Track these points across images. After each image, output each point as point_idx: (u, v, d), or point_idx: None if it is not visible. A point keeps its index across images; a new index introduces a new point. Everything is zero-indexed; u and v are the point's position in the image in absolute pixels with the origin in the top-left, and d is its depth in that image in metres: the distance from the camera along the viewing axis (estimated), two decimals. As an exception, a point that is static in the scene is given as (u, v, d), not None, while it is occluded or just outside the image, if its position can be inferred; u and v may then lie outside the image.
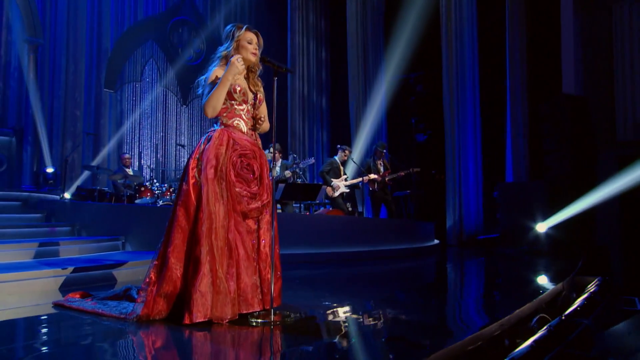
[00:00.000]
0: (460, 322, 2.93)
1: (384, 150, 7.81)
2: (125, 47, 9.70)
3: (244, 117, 2.77)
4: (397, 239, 6.67)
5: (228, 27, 2.86)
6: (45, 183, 8.01)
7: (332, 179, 7.30)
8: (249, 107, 2.81)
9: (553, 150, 7.30)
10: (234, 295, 2.49)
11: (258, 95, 2.86)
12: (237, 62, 2.65)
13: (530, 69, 8.33)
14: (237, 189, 2.60)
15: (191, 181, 2.60)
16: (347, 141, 10.14)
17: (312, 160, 7.04)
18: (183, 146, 9.70)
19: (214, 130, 2.73)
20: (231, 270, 2.51)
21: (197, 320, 2.41)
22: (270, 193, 2.78)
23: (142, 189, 7.12)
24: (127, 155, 8.18)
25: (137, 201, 6.92)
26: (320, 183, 7.02)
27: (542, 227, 6.98)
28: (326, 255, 5.76)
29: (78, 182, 8.37)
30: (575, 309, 2.89)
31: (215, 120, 2.74)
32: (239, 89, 2.73)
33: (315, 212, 6.93)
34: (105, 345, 2.24)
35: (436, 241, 7.94)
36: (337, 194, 7.28)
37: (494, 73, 9.07)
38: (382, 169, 7.74)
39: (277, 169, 6.84)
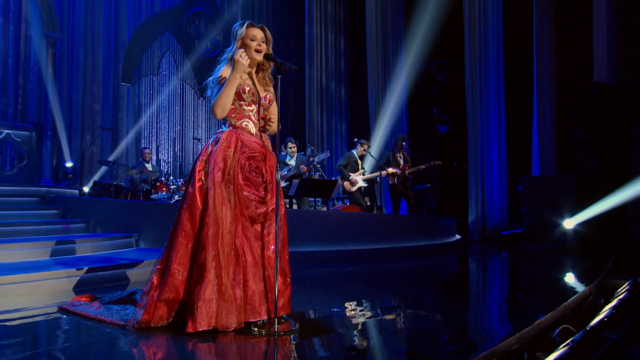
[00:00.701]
0: (481, 331, 2.78)
1: (404, 143, 7.63)
2: (141, 39, 9.71)
3: (253, 118, 2.67)
4: (416, 235, 6.51)
5: (233, 26, 2.75)
6: (65, 177, 8.11)
7: (350, 173, 7.17)
8: (259, 108, 2.70)
9: (582, 141, 6.98)
10: (240, 302, 2.42)
11: (268, 96, 2.75)
12: (241, 58, 2.54)
13: (559, 56, 7.96)
14: (245, 193, 2.52)
15: (197, 184, 2.52)
16: (367, 133, 9.97)
17: (327, 154, 6.91)
18: (199, 140, 9.70)
19: (222, 131, 2.64)
20: (238, 277, 2.43)
21: (201, 329, 2.34)
22: (280, 197, 2.69)
23: (158, 184, 7.14)
24: (147, 150, 8.19)
25: (152, 196, 6.94)
26: (336, 179, 6.90)
27: (569, 223, 6.70)
28: (342, 253, 5.66)
29: (96, 177, 8.46)
30: (602, 319, 2.70)
31: (224, 121, 2.66)
32: (247, 88, 2.63)
33: (332, 208, 6.82)
34: (99, 357, 2.19)
35: (457, 236, 7.75)
36: (354, 188, 7.14)
37: (520, 60, 8.73)
38: (402, 162, 7.56)
39: (293, 162, 6.74)
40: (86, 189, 8.06)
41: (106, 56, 9.34)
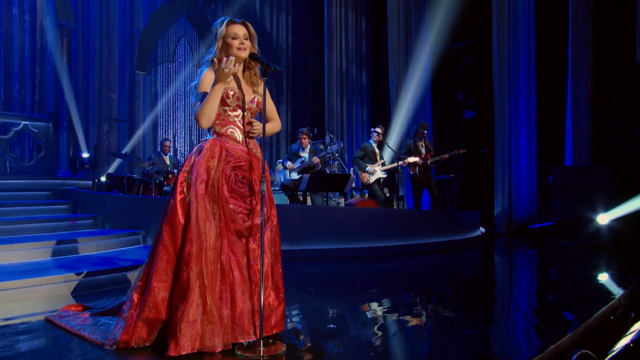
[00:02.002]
0: (503, 354, 2.56)
1: (426, 131, 7.30)
2: (156, 26, 9.62)
3: (239, 124, 2.50)
4: (436, 231, 6.24)
5: (214, 25, 2.56)
6: (82, 168, 8.19)
7: (368, 165, 6.93)
8: (245, 113, 2.53)
9: (621, 129, 6.51)
10: (227, 322, 2.27)
11: (256, 98, 2.56)
12: (226, 70, 2.35)
13: (596, 37, 7.41)
14: (231, 206, 2.36)
15: (178, 197, 2.38)
16: (389, 119, 9.65)
17: (340, 145, 6.67)
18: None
19: (206, 140, 2.48)
20: (224, 295, 2.29)
21: (184, 352, 2.21)
22: (271, 207, 2.53)
23: (170, 175, 7.09)
24: (167, 142, 8.05)
25: (165, 188, 6.90)
26: (349, 173, 6.68)
27: (603, 218, 6.30)
28: (355, 250, 5.47)
29: (112, 168, 8.50)
30: (627, 346, 2.43)
31: (209, 128, 2.49)
32: (232, 93, 2.45)
33: (347, 202, 6.62)
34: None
35: (482, 230, 7.43)
36: (372, 180, 6.90)
37: (553, 40, 8.19)
38: (423, 151, 7.26)
39: (306, 154, 6.55)
40: (104, 179, 8.11)
41: (122, 44, 9.30)
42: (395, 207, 7.31)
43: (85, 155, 8.10)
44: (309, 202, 6.56)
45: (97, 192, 5.89)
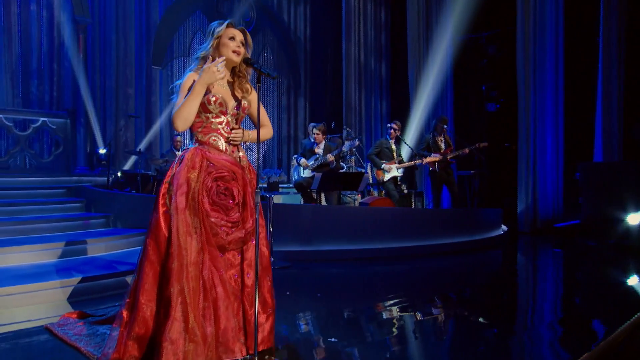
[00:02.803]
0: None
1: (446, 126, 7.07)
2: (172, 20, 9.59)
3: (223, 132, 2.40)
4: (456, 230, 6.04)
5: (211, 24, 2.48)
6: (99, 164, 8.26)
7: (383, 161, 6.75)
8: (230, 119, 2.42)
9: (655, 124, 6.17)
10: (211, 340, 2.19)
11: (242, 103, 2.45)
12: (214, 69, 2.25)
13: (630, 24, 7.01)
14: (212, 219, 2.27)
15: (161, 210, 2.29)
16: (409, 112, 9.42)
17: (356, 142, 6.50)
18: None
19: (187, 149, 2.39)
20: (207, 312, 2.20)
21: None
22: (260, 217, 2.42)
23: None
24: (178, 138, 8.07)
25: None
26: (362, 171, 6.52)
27: (634, 218, 5.99)
28: (367, 252, 5.34)
29: (128, 165, 8.55)
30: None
31: (192, 136, 2.40)
32: (213, 99, 2.35)
33: (362, 200, 6.47)
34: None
35: (504, 228, 7.18)
36: (387, 177, 6.73)
37: (583, 29, 7.81)
38: (443, 146, 7.05)
39: (321, 150, 6.41)
40: (120, 174, 8.16)
41: (138, 38, 9.31)
42: (413, 204, 7.12)
43: (102, 151, 8.16)
44: (323, 200, 6.44)
45: (109, 191, 5.91)
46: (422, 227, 5.76)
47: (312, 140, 6.48)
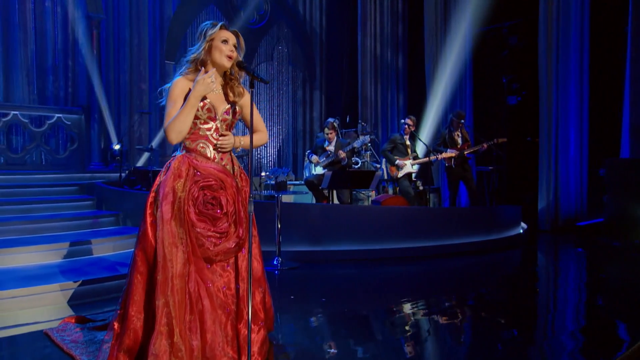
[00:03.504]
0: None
1: (462, 121, 6.88)
2: (185, 14, 9.56)
3: (211, 139, 2.33)
4: (472, 229, 5.88)
5: (202, 25, 2.39)
6: (113, 160, 8.32)
7: (397, 158, 6.61)
8: (219, 125, 2.34)
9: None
10: (197, 354, 2.13)
11: (234, 108, 2.37)
12: (207, 80, 2.20)
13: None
14: (198, 230, 2.20)
15: (148, 219, 2.25)
16: (426, 106, 9.22)
17: (367, 139, 6.38)
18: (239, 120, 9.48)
19: (174, 157, 2.33)
20: (193, 325, 2.14)
21: None
22: (253, 227, 2.36)
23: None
24: None
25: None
26: (374, 169, 6.40)
27: (662, 218, 5.73)
28: (381, 252, 5.24)
29: (141, 161, 8.59)
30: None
31: (180, 142, 2.33)
32: (201, 104, 2.27)
33: (375, 198, 6.35)
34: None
35: (523, 226, 6.99)
36: (401, 174, 6.59)
37: (610, 18, 7.47)
38: (460, 141, 6.86)
39: (332, 147, 6.31)
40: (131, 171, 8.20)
41: (152, 33, 9.31)
42: (429, 200, 6.97)
43: (117, 147, 8.21)
44: (335, 198, 6.35)
45: (119, 188, 5.93)
46: (437, 226, 5.62)
47: (324, 137, 6.39)
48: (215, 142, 2.33)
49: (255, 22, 10.30)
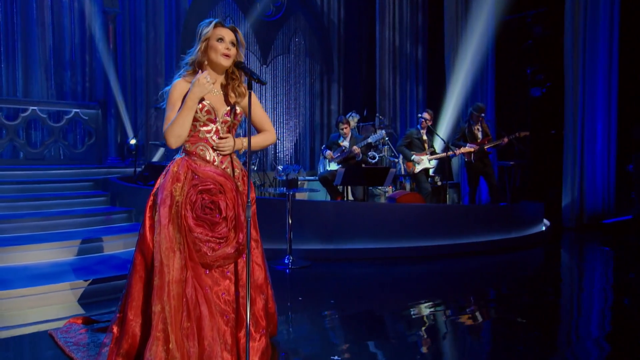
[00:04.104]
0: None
1: (483, 114, 6.68)
2: (201, 6, 9.54)
3: (211, 141, 2.27)
4: (491, 227, 5.72)
5: (200, 23, 2.33)
6: (129, 154, 8.38)
7: (414, 153, 6.47)
8: (220, 127, 2.28)
9: None
10: None
11: (234, 110, 2.31)
12: (203, 81, 2.15)
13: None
14: (195, 234, 2.16)
15: (147, 223, 2.23)
16: (446, 99, 9.01)
17: (382, 134, 6.24)
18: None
19: (174, 160, 2.30)
20: (191, 332, 2.11)
21: None
22: (252, 229, 2.30)
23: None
24: None
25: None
26: (388, 166, 6.27)
27: (694, 216, 5.46)
28: (395, 251, 5.14)
29: (157, 156, 8.63)
30: None
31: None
32: (200, 106, 2.22)
33: (390, 195, 6.23)
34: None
35: (546, 222, 6.78)
36: (418, 169, 6.45)
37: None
38: (480, 136, 6.68)
39: (347, 143, 6.21)
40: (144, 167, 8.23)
41: (168, 27, 9.32)
42: (447, 196, 6.81)
43: (132, 141, 8.27)
44: (350, 194, 6.25)
45: (132, 184, 5.95)
46: (454, 224, 5.48)
47: (339, 133, 6.29)
48: (214, 144, 2.27)
49: (271, 15, 10.21)
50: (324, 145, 6.62)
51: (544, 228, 6.57)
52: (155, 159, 8.56)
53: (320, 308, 3.51)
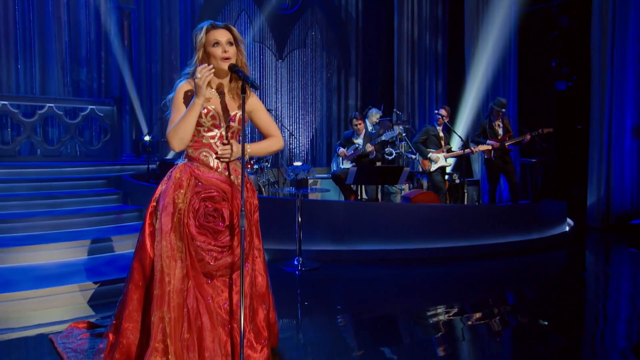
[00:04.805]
0: None
1: (503, 110, 6.49)
2: (215, 0, 9.51)
3: (215, 147, 2.22)
4: (511, 228, 5.56)
5: (194, 30, 2.28)
6: (144, 151, 8.44)
7: (430, 150, 6.33)
8: (224, 132, 2.23)
9: None
10: None
11: (238, 115, 2.25)
12: (201, 81, 2.07)
13: None
14: (197, 243, 2.12)
15: (147, 230, 2.21)
16: (466, 93, 8.80)
17: (396, 132, 6.11)
18: (269, 110, 9.38)
19: (176, 165, 2.25)
20: (191, 343, 2.08)
21: None
22: (254, 239, 2.25)
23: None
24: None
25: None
26: (402, 164, 6.14)
27: None
28: (409, 252, 5.03)
29: (171, 154, 8.67)
30: None
31: (183, 150, 2.26)
32: (205, 111, 2.18)
33: (404, 194, 6.11)
34: None
35: (570, 223, 6.56)
36: (434, 167, 6.30)
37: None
38: (501, 132, 6.50)
39: (361, 140, 6.10)
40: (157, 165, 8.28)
41: (183, 22, 9.33)
42: (465, 195, 6.65)
43: (147, 138, 8.32)
44: (364, 193, 6.16)
45: (143, 182, 5.97)
46: (471, 224, 5.34)
47: (352, 130, 6.19)
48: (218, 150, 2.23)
49: (287, 8, 10.12)
50: (338, 143, 6.53)
51: (567, 228, 6.37)
52: (170, 155, 8.61)
53: (330, 313, 3.45)
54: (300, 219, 4.50)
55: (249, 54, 10.01)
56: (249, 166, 6.82)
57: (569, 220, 6.61)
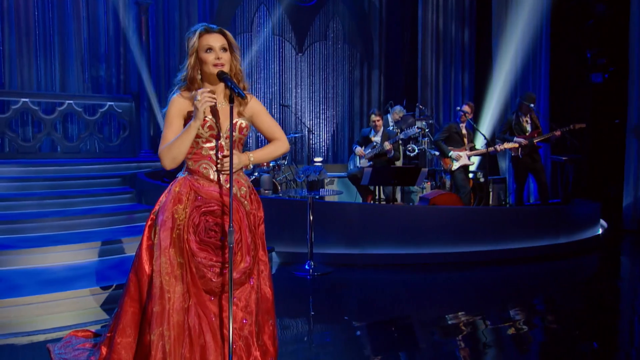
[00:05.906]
0: None
1: (532, 104, 6.21)
2: (234, -6, 9.47)
3: (214, 158, 2.13)
4: (538, 232, 5.32)
5: (187, 33, 2.18)
6: (162, 147, 8.49)
7: (451, 148, 6.11)
8: (224, 143, 2.14)
9: None
10: None
11: (238, 124, 2.15)
12: (200, 105, 2.00)
13: None
14: (198, 259, 2.05)
15: (145, 243, 2.15)
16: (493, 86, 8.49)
17: (414, 130, 5.91)
18: (287, 107, 9.29)
19: (176, 179, 2.19)
20: None
21: None
22: (261, 250, 2.19)
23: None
24: None
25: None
26: (419, 166, 5.95)
27: None
28: (427, 257, 4.87)
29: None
30: None
31: (183, 163, 2.18)
32: (202, 121, 2.07)
33: (422, 195, 5.92)
34: None
35: (603, 224, 6.26)
36: (456, 166, 6.09)
37: None
38: (529, 128, 6.23)
39: (378, 138, 5.94)
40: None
41: (201, 16, 9.30)
42: (490, 194, 6.42)
43: (165, 134, 8.37)
44: (382, 193, 6.00)
45: (157, 182, 5.97)
46: (494, 228, 5.14)
47: (370, 127, 6.03)
48: (218, 161, 2.14)
49: (306, 0, 9.97)
50: (355, 141, 6.38)
51: (600, 231, 6.08)
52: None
53: (342, 321, 3.34)
54: (311, 220, 4.40)
55: (268, 48, 9.93)
56: (264, 165, 6.76)
57: (602, 223, 6.30)
